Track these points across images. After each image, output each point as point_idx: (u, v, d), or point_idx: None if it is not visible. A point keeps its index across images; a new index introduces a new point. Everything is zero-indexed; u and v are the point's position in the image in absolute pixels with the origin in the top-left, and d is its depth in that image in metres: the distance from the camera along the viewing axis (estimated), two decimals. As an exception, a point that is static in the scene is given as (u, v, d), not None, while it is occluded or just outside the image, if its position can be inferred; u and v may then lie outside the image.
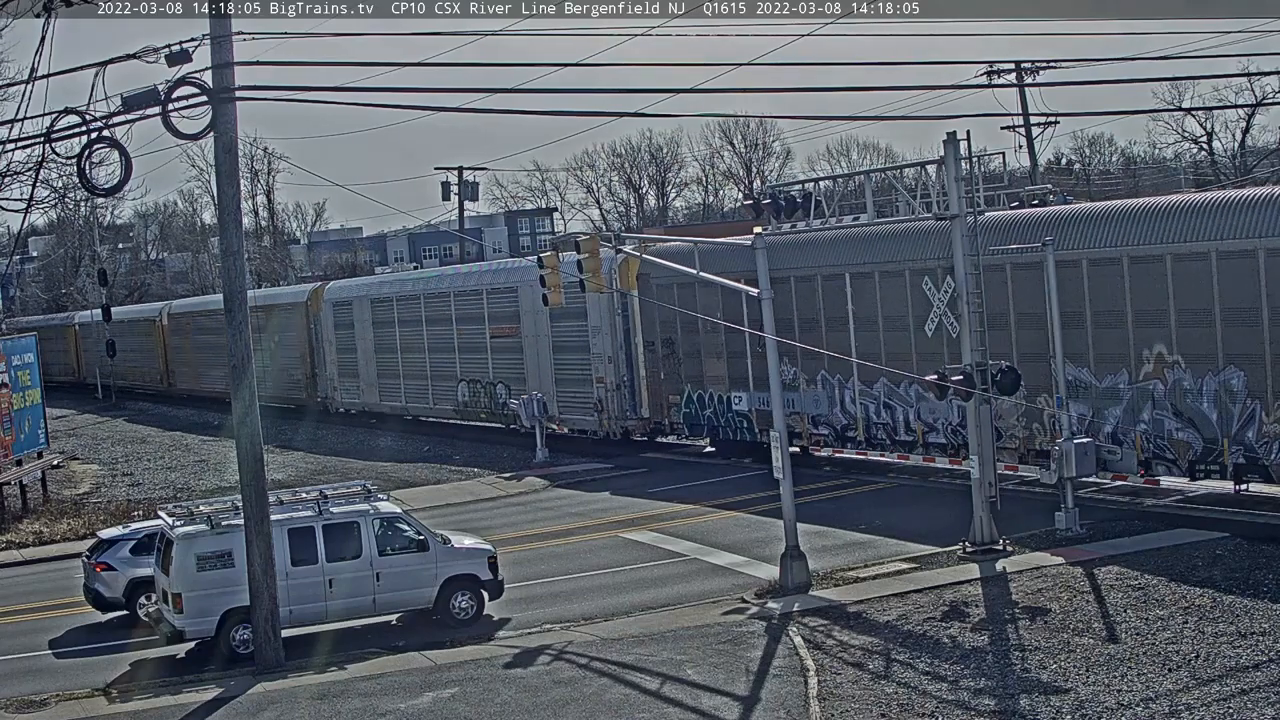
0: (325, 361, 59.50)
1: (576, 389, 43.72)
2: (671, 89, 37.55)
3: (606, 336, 41.97)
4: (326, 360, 59.39)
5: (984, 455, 25.39)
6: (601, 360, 42.41)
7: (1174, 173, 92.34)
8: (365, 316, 56.27)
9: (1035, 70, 53.86)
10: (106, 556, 25.77)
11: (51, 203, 52.44)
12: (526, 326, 45.86)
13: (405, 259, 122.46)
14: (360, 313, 56.81)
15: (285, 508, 23.42)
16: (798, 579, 23.84)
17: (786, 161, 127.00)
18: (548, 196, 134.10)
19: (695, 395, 39.00)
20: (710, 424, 38.76)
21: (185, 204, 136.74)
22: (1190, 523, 26.04)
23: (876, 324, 32.93)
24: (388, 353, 54.66)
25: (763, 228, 27.23)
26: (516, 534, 31.37)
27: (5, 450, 38.18)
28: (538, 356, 45.33)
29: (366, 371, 56.32)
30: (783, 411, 24.83)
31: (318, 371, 60.33)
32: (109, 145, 21.13)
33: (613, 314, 41.72)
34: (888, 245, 32.24)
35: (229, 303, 22.15)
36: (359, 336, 56.59)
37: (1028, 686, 17.79)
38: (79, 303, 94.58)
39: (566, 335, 43.78)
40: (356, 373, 57.17)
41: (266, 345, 61.24)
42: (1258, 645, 18.34)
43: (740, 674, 19.32)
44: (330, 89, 21.72)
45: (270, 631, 21.76)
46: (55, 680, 22.43)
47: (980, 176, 25.83)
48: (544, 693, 19.11)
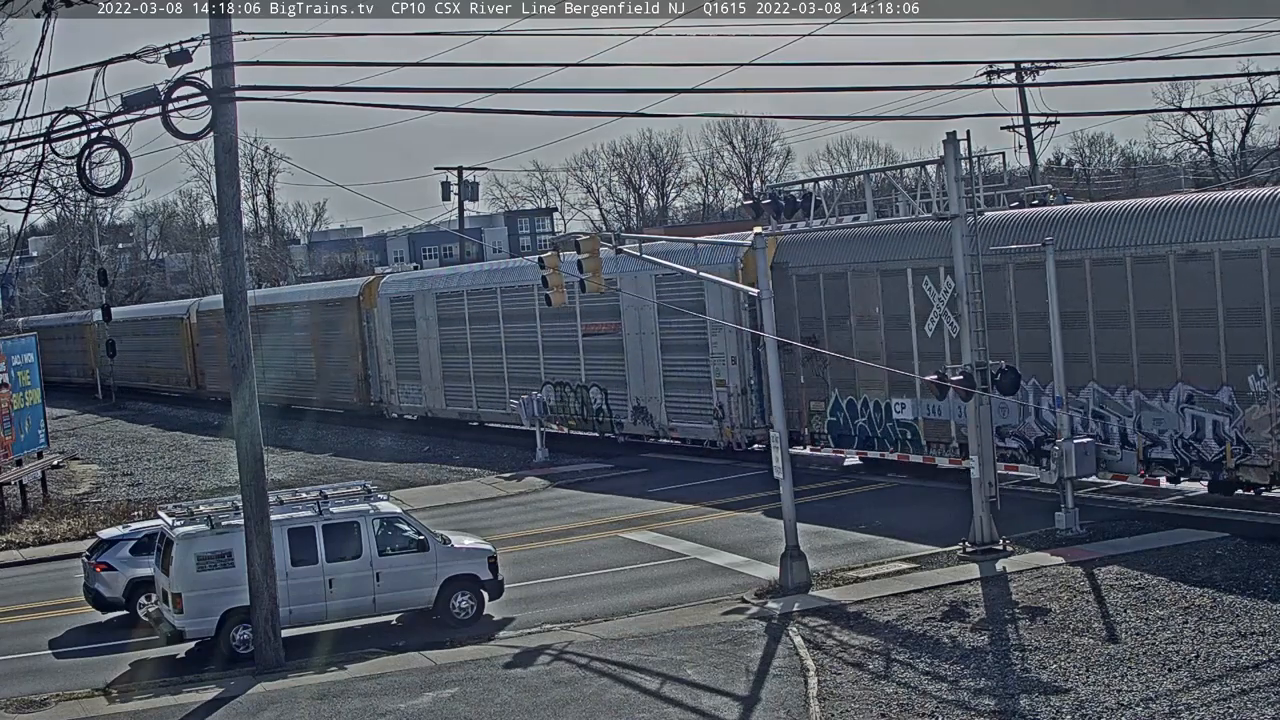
0: (380, 362, 54.99)
1: (690, 393, 39.24)
2: (671, 89, 37.56)
3: (730, 334, 37.10)
4: (381, 361, 54.87)
5: (984, 455, 25.39)
6: (723, 361, 37.86)
7: (1174, 173, 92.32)
8: (429, 313, 51.42)
9: (1035, 70, 53.89)
10: (106, 556, 25.77)
11: (51, 203, 52.32)
12: (629, 323, 41.10)
13: (405, 259, 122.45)
14: (423, 308, 51.80)
15: (285, 508, 23.42)
16: (798, 579, 23.84)
17: (786, 161, 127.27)
18: (548, 196, 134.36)
19: (844, 402, 34.65)
20: (863, 435, 34.23)
21: (185, 204, 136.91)
22: (1190, 523, 26.05)
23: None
24: (456, 352, 50.00)
25: (763, 228, 27.23)
26: (516, 534, 31.38)
27: (5, 450, 38.18)
28: (642, 356, 40.69)
29: (430, 373, 51.64)
30: (782, 411, 24.82)
31: (371, 373, 55.88)
32: (109, 145, 21.12)
33: (738, 308, 36.33)
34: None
35: (229, 303, 22.16)
36: (422, 335, 51.83)
37: (1028, 686, 17.79)
38: (79, 303, 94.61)
39: (680, 333, 38.81)
40: (418, 374, 52.48)
41: (314, 344, 59.53)
42: (1258, 645, 18.34)
43: (740, 674, 19.32)
44: (330, 89, 21.73)
45: (270, 631, 21.76)
46: (55, 680, 22.43)
47: (980, 176, 25.82)
48: (544, 693, 19.11)
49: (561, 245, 39.28)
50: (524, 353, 46.23)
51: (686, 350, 39.24)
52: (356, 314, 56.47)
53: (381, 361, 54.98)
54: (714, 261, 33.80)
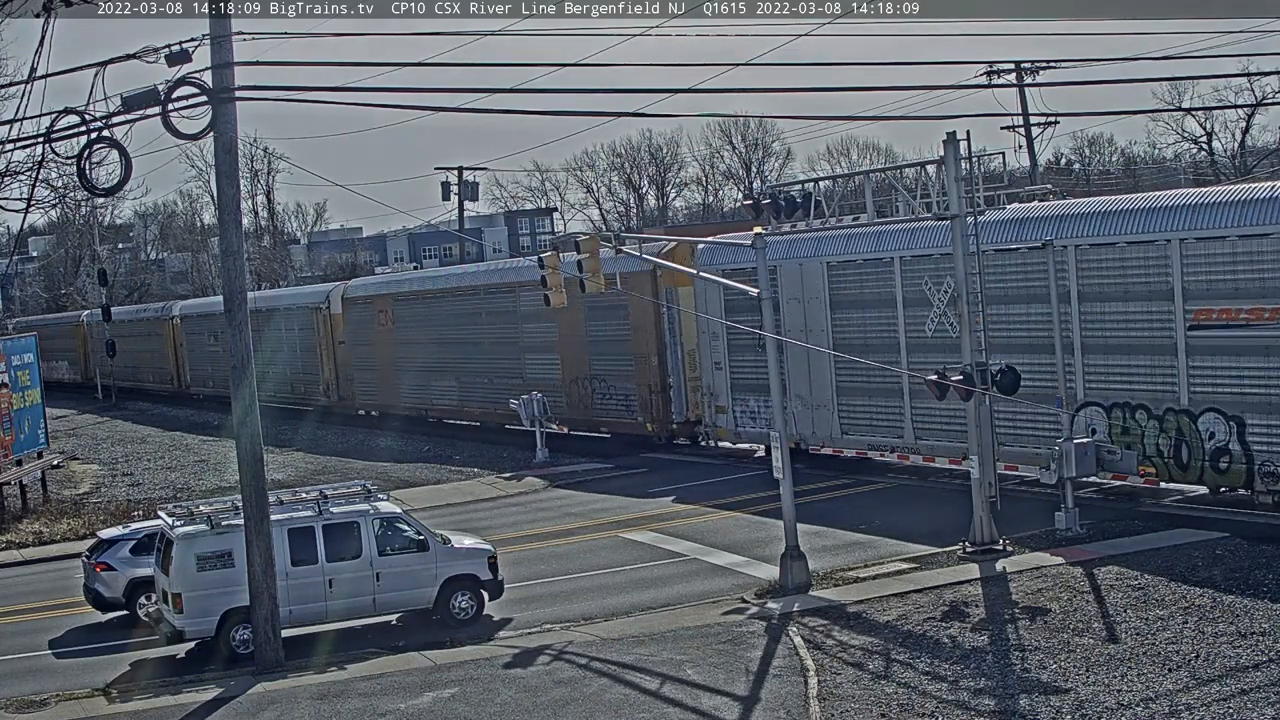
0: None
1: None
2: (671, 89, 37.61)
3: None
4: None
5: (984, 455, 25.38)
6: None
7: (1174, 173, 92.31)
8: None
9: (1035, 70, 53.92)
10: (106, 556, 25.77)
11: (51, 203, 52.25)
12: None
13: (405, 259, 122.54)
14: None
15: (285, 508, 23.42)
16: (797, 579, 23.84)
17: (786, 161, 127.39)
18: (547, 196, 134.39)
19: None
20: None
21: (185, 204, 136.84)
22: (1190, 523, 26.02)
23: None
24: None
25: (763, 228, 27.22)
26: (516, 534, 31.37)
27: (5, 450, 38.18)
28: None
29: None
30: (782, 411, 24.82)
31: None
32: (109, 145, 21.12)
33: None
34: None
35: (229, 302, 22.17)
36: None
37: (1028, 686, 17.79)
38: (79, 303, 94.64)
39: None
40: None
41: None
42: (1258, 645, 18.34)
43: (740, 674, 19.32)
44: (330, 89, 21.73)
45: (270, 631, 21.76)
46: (55, 680, 22.43)
47: (980, 176, 25.81)
48: (544, 693, 19.11)
49: (563, 245, 38.94)
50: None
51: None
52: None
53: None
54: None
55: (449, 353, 49.82)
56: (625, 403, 41.26)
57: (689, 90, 25.69)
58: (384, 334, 54.13)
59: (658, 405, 39.81)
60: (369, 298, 56.55)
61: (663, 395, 39.68)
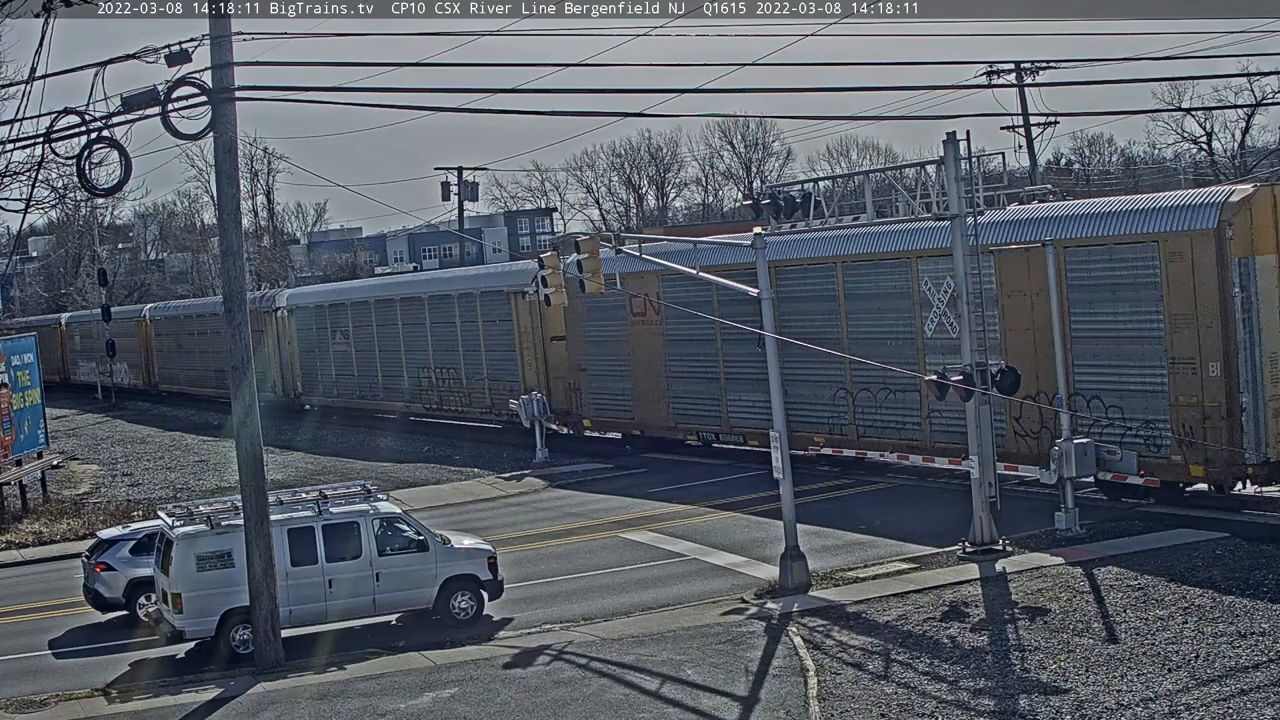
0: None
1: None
2: (672, 89, 37.63)
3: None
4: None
5: (984, 455, 25.38)
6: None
7: (1173, 173, 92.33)
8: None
9: (1035, 70, 53.89)
10: (106, 556, 25.76)
11: (51, 203, 52.21)
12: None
13: (405, 259, 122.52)
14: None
15: (285, 508, 23.42)
16: (797, 579, 23.84)
17: (786, 161, 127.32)
18: (547, 197, 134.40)
19: None
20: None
21: (185, 204, 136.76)
22: (1190, 523, 26.01)
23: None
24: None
25: (763, 228, 27.21)
26: (516, 534, 31.37)
27: (5, 450, 38.18)
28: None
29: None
30: (782, 410, 24.81)
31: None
32: (109, 145, 21.11)
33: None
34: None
35: (228, 302, 22.16)
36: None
37: (1027, 687, 17.79)
38: (79, 303, 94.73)
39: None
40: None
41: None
42: (1258, 645, 18.33)
43: (740, 674, 19.33)
44: (330, 89, 21.73)
45: (270, 631, 21.76)
46: (55, 680, 22.42)
47: (980, 176, 25.82)
48: (544, 693, 19.11)
49: (563, 245, 39.11)
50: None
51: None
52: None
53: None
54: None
55: None
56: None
57: (689, 90, 25.70)
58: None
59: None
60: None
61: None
